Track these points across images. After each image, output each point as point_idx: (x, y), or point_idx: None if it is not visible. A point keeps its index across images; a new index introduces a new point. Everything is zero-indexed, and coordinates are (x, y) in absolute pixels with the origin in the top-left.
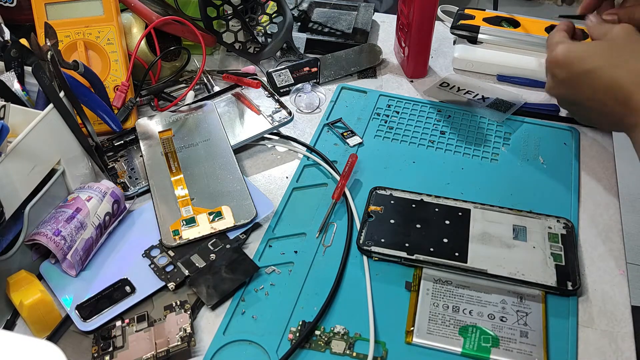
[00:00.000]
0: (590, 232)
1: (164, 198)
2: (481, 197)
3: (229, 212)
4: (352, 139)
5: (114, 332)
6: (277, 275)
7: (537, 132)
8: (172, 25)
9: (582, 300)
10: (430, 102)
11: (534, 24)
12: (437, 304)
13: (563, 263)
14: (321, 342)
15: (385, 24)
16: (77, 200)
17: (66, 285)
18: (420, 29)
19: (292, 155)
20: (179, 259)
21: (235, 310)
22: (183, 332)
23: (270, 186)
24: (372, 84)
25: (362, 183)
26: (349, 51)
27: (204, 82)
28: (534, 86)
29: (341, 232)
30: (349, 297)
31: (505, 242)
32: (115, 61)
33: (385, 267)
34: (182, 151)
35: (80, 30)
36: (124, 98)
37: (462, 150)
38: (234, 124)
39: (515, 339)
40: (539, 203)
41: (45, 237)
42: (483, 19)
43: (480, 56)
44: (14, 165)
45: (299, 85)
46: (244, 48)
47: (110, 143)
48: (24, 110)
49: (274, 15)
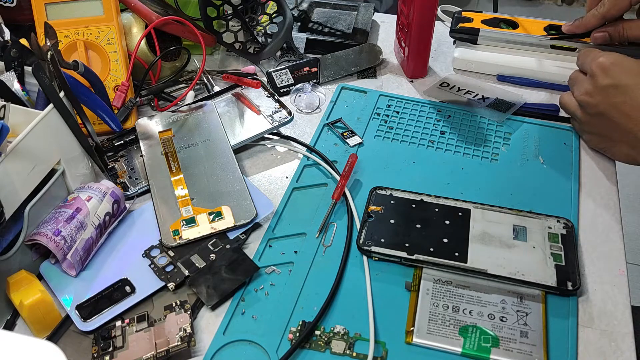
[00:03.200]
0: (590, 232)
1: (164, 198)
2: (481, 197)
3: (229, 212)
4: (352, 139)
5: (114, 332)
6: (277, 275)
7: (537, 132)
8: (172, 25)
9: (582, 300)
10: (430, 102)
11: (532, 25)
12: (437, 304)
13: (563, 263)
14: (321, 342)
15: (385, 24)
16: (77, 200)
17: (66, 285)
18: (420, 29)
19: (292, 155)
20: (179, 259)
21: (235, 310)
22: (183, 332)
23: (270, 186)
24: (372, 84)
25: (362, 183)
26: (349, 51)
27: (204, 82)
28: (534, 86)
29: (341, 232)
30: (349, 297)
31: (505, 242)
32: (115, 61)
33: (385, 267)
34: (182, 151)
35: (80, 30)
36: (124, 98)
37: (462, 150)
38: (234, 124)
39: (515, 339)
40: (539, 203)
41: (45, 237)
42: (481, 21)
43: (480, 56)
44: (14, 165)
45: (299, 85)
46: (244, 48)
47: (110, 143)
48: (24, 110)
49: (274, 15)
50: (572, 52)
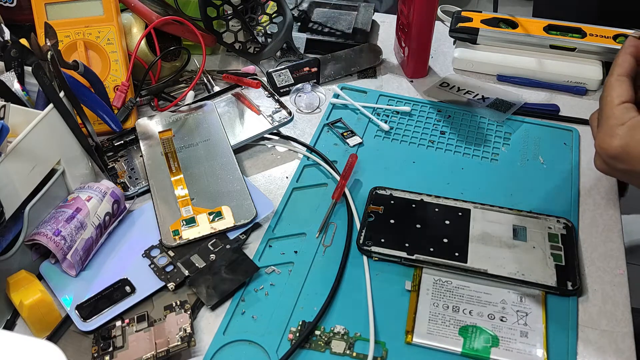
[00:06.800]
0: (590, 232)
1: (164, 198)
2: (481, 197)
3: (229, 212)
4: (352, 139)
5: (114, 332)
6: (277, 275)
7: (537, 132)
8: (172, 25)
9: (582, 300)
10: (430, 102)
11: (532, 24)
12: (437, 304)
13: (563, 263)
14: (321, 342)
15: (385, 24)
16: (77, 200)
17: (66, 285)
18: (420, 29)
19: (292, 155)
20: (179, 259)
21: (235, 311)
22: (183, 332)
23: (270, 186)
24: (372, 84)
25: (362, 183)
26: (349, 51)
27: (204, 82)
28: (534, 86)
29: (341, 232)
30: (349, 297)
31: (505, 242)
32: (115, 61)
33: (385, 267)
34: (182, 151)
35: (80, 30)
36: (124, 98)
37: (462, 150)
38: (234, 124)
39: (515, 339)
40: (539, 203)
41: (45, 237)
42: (481, 21)
43: (480, 56)
44: (14, 165)
45: (299, 85)
46: (244, 48)
47: (110, 143)
48: (24, 110)
49: (274, 15)
50: (572, 52)
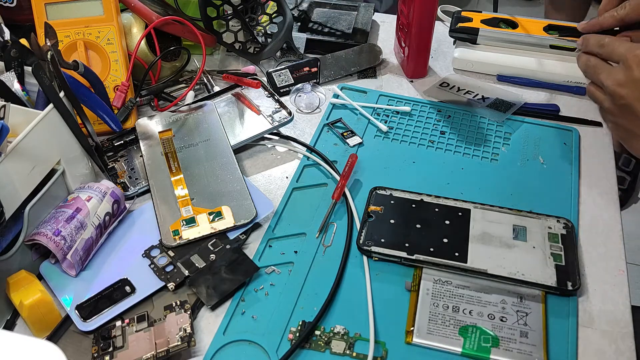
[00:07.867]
0: (590, 232)
1: (164, 198)
2: (481, 197)
3: (229, 212)
4: (352, 139)
5: (114, 332)
6: (277, 275)
7: (537, 132)
8: (172, 25)
9: (582, 300)
10: (430, 102)
11: (532, 24)
12: (437, 304)
13: (563, 263)
14: (321, 342)
15: (385, 24)
16: (77, 200)
17: (66, 285)
18: (420, 29)
19: (292, 155)
20: (179, 259)
21: (235, 311)
22: (183, 332)
23: (270, 186)
24: (372, 84)
25: (362, 183)
26: (349, 51)
27: (204, 82)
28: (534, 86)
29: (341, 232)
30: (349, 297)
31: (505, 242)
32: (115, 61)
33: (385, 267)
34: (182, 151)
35: (80, 30)
36: (124, 98)
37: (462, 150)
38: (234, 124)
39: (515, 339)
40: (539, 203)
41: (45, 237)
42: (481, 21)
43: (480, 56)
44: (14, 165)
45: (299, 85)
46: (244, 48)
47: (110, 143)
48: (24, 110)
49: (274, 15)
50: (572, 52)
